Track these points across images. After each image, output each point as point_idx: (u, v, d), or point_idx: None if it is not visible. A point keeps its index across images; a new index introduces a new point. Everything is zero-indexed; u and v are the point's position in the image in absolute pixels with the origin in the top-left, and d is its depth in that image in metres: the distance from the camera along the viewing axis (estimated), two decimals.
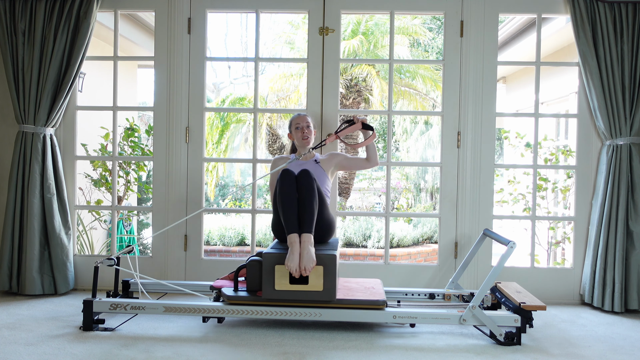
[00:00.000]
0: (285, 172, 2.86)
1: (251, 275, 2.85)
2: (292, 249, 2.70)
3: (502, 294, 2.97)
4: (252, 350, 2.54)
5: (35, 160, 3.47)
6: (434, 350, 2.60)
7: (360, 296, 2.81)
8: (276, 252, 2.74)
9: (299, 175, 2.86)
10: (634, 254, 3.35)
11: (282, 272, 2.71)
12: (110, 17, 3.80)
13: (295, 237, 2.73)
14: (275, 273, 2.71)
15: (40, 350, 2.48)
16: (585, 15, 3.39)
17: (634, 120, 3.39)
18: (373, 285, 3.06)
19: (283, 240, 2.99)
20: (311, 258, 2.67)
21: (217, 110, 9.14)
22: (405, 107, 9.38)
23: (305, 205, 2.79)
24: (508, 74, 7.63)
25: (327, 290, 2.71)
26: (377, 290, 2.94)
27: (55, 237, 3.50)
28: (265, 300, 2.75)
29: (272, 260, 2.72)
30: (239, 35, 17.17)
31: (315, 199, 2.82)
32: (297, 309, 2.74)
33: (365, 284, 3.09)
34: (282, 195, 2.81)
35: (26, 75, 3.48)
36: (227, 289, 2.87)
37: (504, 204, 5.69)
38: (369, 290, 2.92)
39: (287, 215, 2.78)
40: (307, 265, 2.65)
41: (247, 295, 2.80)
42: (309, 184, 2.82)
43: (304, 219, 2.78)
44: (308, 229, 2.76)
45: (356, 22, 8.68)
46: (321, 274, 2.70)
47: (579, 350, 2.64)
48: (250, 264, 2.85)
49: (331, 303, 2.74)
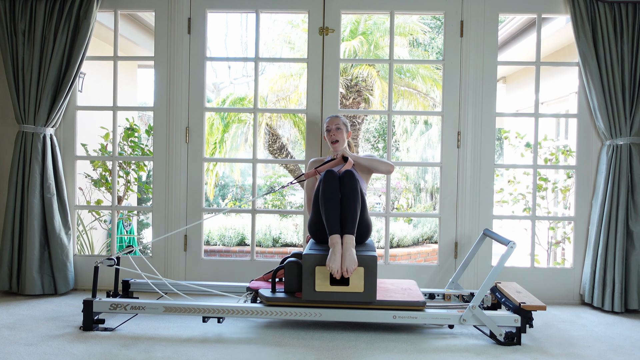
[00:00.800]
0: (329, 172, 2.84)
1: (289, 277, 2.84)
2: (333, 249, 2.68)
3: (502, 294, 2.97)
4: (253, 350, 2.54)
5: (35, 160, 3.47)
6: (434, 350, 2.60)
7: (398, 297, 2.80)
8: (317, 253, 2.72)
9: (342, 175, 2.84)
10: (634, 254, 3.35)
11: (322, 273, 2.69)
12: (110, 17, 3.81)
13: (338, 238, 2.71)
14: (316, 274, 2.70)
15: (40, 350, 2.48)
16: (585, 15, 3.39)
17: (634, 120, 3.39)
18: (409, 286, 3.05)
19: (320, 240, 2.98)
20: (353, 259, 2.66)
21: (217, 110, 9.14)
22: (405, 107, 9.38)
23: (349, 206, 2.77)
24: (508, 74, 7.64)
25: (367, 291, 2.70)
26: (414, 291, 2.94)
27: (55, 237, 3.50)
28: (305, 302, 2.74)
29: (313, 261, 2.71)
30: (239, 35, 17.18)
31: (358, 200, 2.80)
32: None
33: (400, 284, 3.08)
34: (325, 195, 2.79)
35: (26, 75, 3.48)
36: (265, 291, 2.86)
37: (504, 204, 5.69)
38: (406, 292, 2.91)
39: (329, 216, 2.76)
40: (349, 267, 2.64)
41: (286, 297, 2.79)
42: (352, 184, 2.80)
43: (346, 220, 2.76)
44: (350, 230, 2.74)
45: (355, 22, 8.68)
46: (362, 275, 2.69)
47: (579, 350, 2.64)
48: (288, 265, 2.84)
49: (372, 304, 2.74)
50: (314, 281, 2.70)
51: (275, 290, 2.86)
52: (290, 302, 2.77)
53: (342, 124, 3.26)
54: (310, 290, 2.71)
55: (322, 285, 2.70)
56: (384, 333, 2.83)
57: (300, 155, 10.69)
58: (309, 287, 2.71)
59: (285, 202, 8.34)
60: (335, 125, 3.25)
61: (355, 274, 2.69)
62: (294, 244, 6.79)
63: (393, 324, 2.93)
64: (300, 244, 6.72)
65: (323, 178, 2.83)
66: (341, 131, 3.24)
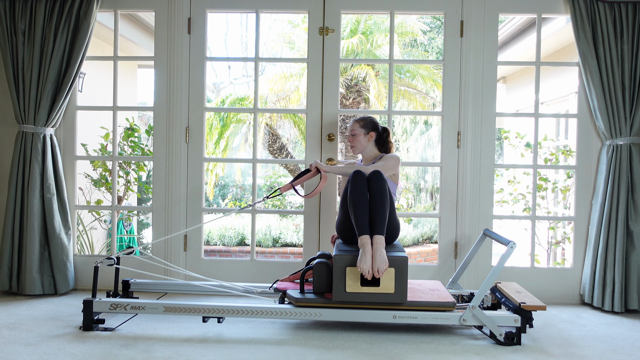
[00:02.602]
0: (357, 173, 2.84)
1: (318, 278, 2.83)
2: (364, 250, 2.68)
3: (502, 294, 2.97)
4: (253, 350, 2.54)
5: (35, 160, 3.47)
6: (433, 350, 2.60)
7: (428, 298, 2.80)
8: (347, 254, 2.72)
9: (370, 176, 2.84)
10: (634, 254, 3.35)
11: (353, 274, 2.69)
12: (110, 17, 3.81)
13: (367, 239, 2.71)
14: (346, 275, 2.70)
15: (40, 350, 2.48)
16: (585, 15, 3.39)
17: (634, 120, 3.39)
18: (436, 287, 3.04)
19: (348, 241, 2.97)
20: (384, 260, 2.65)
21: (217, 110, 9.14)
22: (405, 106, 9.38)
23: (378, 206, 2.77)
24: (508, 74, 7.64)
25: (398, 292, 2.70)
26: (442, 292, 2.93)
27: (55, 237, 3.50)
28: (335, 303, 2.74)
29: (343, 262, 2.70)
30: (239, 35, 17.17)
31: (387, 201, 2.79)
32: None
33: (427, 285, 3.07)
34: (353, 196, 2.79)
35: (26, 75, 3.48)
36: (293, 291, 2.85)
37: (504, 204, 5.69)
38: (434, 293, 2.91)
39: (358, 217, 2.76)
40: (380, 267, 2.64)
41: (316, 298, 2.78)
42: (381, 185, 2.80)
43: (375, 220, 2.75)
44: (380, 230, 2.73)
45: (355, 22, 8.68)
46: (393, 276, 2.69)
47: (579, 350, 2.64)
48: (317, 266, 2.83)
49: (402, 305, 2.73)
50: (345, 282, 2.70)
51: (303, 291, 2.85)
52: (320, 304, 2.76)
53: (358, 129, 3.26)
54: (341, 291, 2.70)
55: (353, 286, 2.69)
56: (384, 333, 2.83)
57: (301, 156, 10.69)
58: (340, 288, 2.70)
59: (286, 202, 8.34)
60: (351, 132, 3.27)
61: (386, 274, 2.69)
62: (294, 243, 6.79)
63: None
64: (300, 243, 6.72)
65: (351, 179, 2.83)
66: (357, 137, 3.25)
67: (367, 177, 2.84)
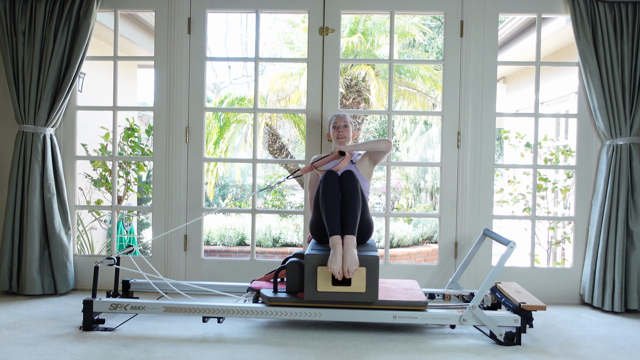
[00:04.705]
0: (329, 173, 2.84)
1: (291, 277, 2.84)
2: (334, 250, 2.67)
3: (502, 294, 2.97)
4: (253, 350, 2.54)
5: (35, 160, 3.47)
6: (434, 350, 2.60)
7: (401, 297, 2.80)
8: (319, 254, 2.72)
9: (342, 176, 2.84)
10: (634, 254, 3.35)
11: (324, 273, 2.70)
12: (110, 17, 3.81)
13: (338, 239, 2.71)
14: (317, 274, 2.70)
15: (40, 350, 2.48)
16: (585, 15, 3.39)
17: (634, 120, 3.39)
18: (411, 286, 3.05)
19: (321, 241, 2.98)
20: (354, 260, 2.65)
21: (217, 110, 9.13)
22: (405, 106, 9.37)
23: (349, 206, 2.77)
24: (508, 74, 7.63)
25: (369, 291, 2.70)
26: (415, 291, 2.94)
27: (55, 237, 3.50)
28: (307, 302, 2.74)
29: (315, 262, 2.71)
30: (239, 35, 17.17)
31: (358, 201, 2.79)
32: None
33: (402, 284, 3.08)
34: (325, 196, 2.79)
35: (26, 75, 3.48)
36: (267, 291, 2.86)
37: (504, 204, 5.69)
38: (408, 292, 2.91)
39: (330, 217, 2.76)
40: (351, 268, 2.64)
41: (288, 297, 2.79)
42: (353, 185, 2.80)
43: (347, 220, 2.75)
44: (351, 230, 2.73)
45: (355, 22, 8.68)
46: (364, 275, 2.69)
47: (579, 350, 2.64)
48: (290, 265, 2.84)
49: (373, 304, 2.74)
50: (316, 281, 2.70)
51: (277, 290, 2.86)
52: (292, 303, 2.77)
53: (349, 122, 3.28)
54: (313, 291, 2.71)
55: (324, 285, 2.70)
56: (384, 333, 2.83)
57: (301, 155, 10.69)
58: (311, 288, 2.71)
59: (285, 202, 8.34)
60: (344, 122, 3.26)
61: (357, 274, 2.69)
62: (294, 243, 6.79)
63: (394, 324, 2.93)
64: (300, 243, 6.71)
65: (323, 179, 2.83)
66: (348, 129, 3.26)
67: (339, 177, 2.84)
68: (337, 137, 3.25)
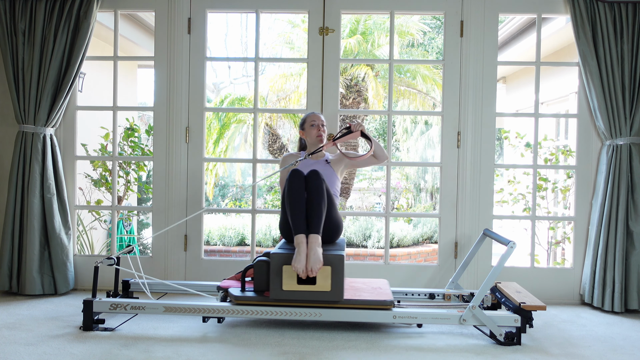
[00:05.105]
0: (295, 172, 2.84)
1: (258, 276, 2.84)
2: (299, 249, 2.68)
3: (502, 294, 2.97)
4: (252, 350, 2.54)
5: (35, 160, 3.47)
6: (434, 350, 2.60)
7: (367, 296, 2.80)
8: (284, 253, 2.73)
9: (308, 175, 2.84)
10: (634, 254, 3.35)
11: (289, 272, 2.70)
12: (110, 17, 3.81)
13: (303, 238, 2.72)
14: (282, 273, 2.70)
15: (40, 350, 2.48)
16: (585, 15, 3.39)
17: (634, 120, 3.39)
18: (380, 285, 3.05)
19: (291, 240, 2.98)
20: (318, 259, 2.65)
21: (217, 110, 9.13)
22: (405, 106, 9.37)
23: (314, 206, 2.78)
24: (508, 74, 7.63)
25: (334, 290, 2.70)
26: (384, 290, 2.94)
27: (55, 237, 3.50)
28: (272, 301, 2.75)
29: (280, 261, 2.71)
30: (239, 35, 17.17)
31: (323, 200, 2.80)
32: (304, 309, 2.74)
33: (372, 284, 3.09)
34: (290, 195, 2.80)
35: (26, 75, 3.48)
36: (234, 289, 2.87)
37: (504, 204, 5.69)
38: (376, 291, 2.92)
39: (295, 216, 2.77)
40: (314, 267, 2.64)
41: (255, 296, 2.79)
42: (318, 184, 2.81)
43: (312, 219, 2.76)
44: (316, 229, 2.74)
45: (355, 22, 8.68)
46: (329, 274, 2.69)
47: (579, 350, 2.64)
48: (257, 265, 2.84)
49: (339, 303, 2.74)
50: (282, 280, 2.71)
51: (244, 289, 2.86)
52: (258, 302, 2.77)
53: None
54: (278, 290, 2.72)
55: (290, 284, 2.70)
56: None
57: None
58: (277, 286, 2.72)
59: None
60: (322, 122, 3.29)
61: (322, 273, 2.69)
62: None
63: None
64: None
65: (288, 178, 2.84)
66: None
67: (304, 176, 2.84)
68: (317, 136, 3.26)
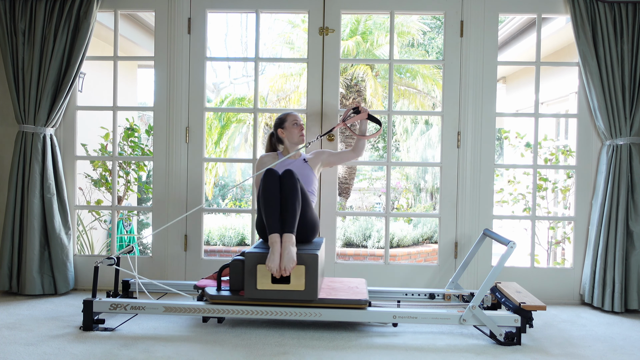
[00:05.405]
0: (269, 171, 2.85)
1: (234, 275, 2.85)
2: (273, 249, 2.69)
3: (502, 294, 2.97)
4: (252, 350, 2.54)
5: (35, 160, 3.47)
6: (434, 350, 2.60)
7: (342, 295, 2.82)
8: (258, 252, 2.74)
9: (282, 175, 2.85)
10: (634, 254, 3.35)
11: (264, 271, 2.71)
12: (110, 17, 3.81)
13: (277, 237, 2.72)
14: (257, 273, 2.71)
15: (40, 350, 2.48)
16: (585, 15, 3.39)
17: (634, 120, 3.39)
18: (357, 284, 3.07)
19: (267, 240, 2.98)
20: (291, 258, 2.66)
21: (217, 110, 9.14)
22: (405, 106, 9.37)
23: (288, 205, 2.78)
24: (508, 74, 7.64)
25: (308, 289, 2.71)
26: (360, 289, 2.95)
27: (55, 237, 3.50)
28: (247, 300, 2.76)
29: (254, 260, 2.72)
30: (239, 35, 17.16)
31: (298, 199, 2.81)
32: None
33: (349, 283, 3.10)
34: (265, 194, 2.80)
35: (26, 75, 3.48)
36: (211, 289, 2.88)
37: (504, 204, 5.69)
38: (352, 290, 2.93)
39: (269, 215, 2.77)
40: (287, 266, 2.64)
41: (229, 295, 2.80)
42: (292, 184, 2.81)
43: (286, 219, 2.76)
44: (290, 229, 2.74)
45: (355, 22, 8.68)
46: (303, 273, 2.70)
47: (579, 350, 2.64)
48: (233, 264, 2.85)
49: (313, 302, 2.75)
50: (256, 279, 2.71)
51: (220, 288, 2.87)
52: (233, 301, 2.78)
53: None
54: (252, 289, 2.72)
55: (264, 283, 2.71)
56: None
57: None
58: (251, 286, 2.72)
59: None
60: (301, 121, 3.33)
61: (296, 272, 2.70)
62: None
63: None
64: None
65: (263, 178, 2.84)
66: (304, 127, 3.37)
67: (279, 176, 2.85)
68: (299, 135, 3.29)
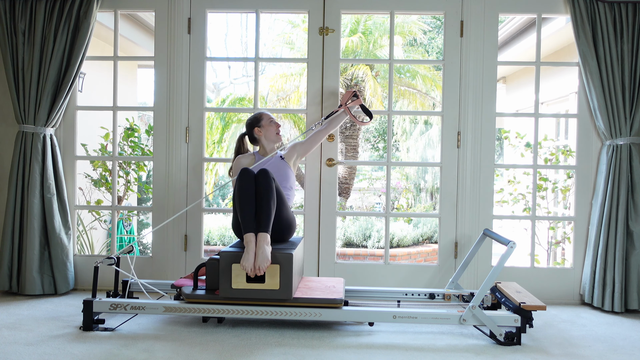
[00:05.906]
0: (244, 171, 2.85)
1: (210, 274, 2.85)
2: (247, 248, 2.69)
3: (502, 294, 2.97)
4: (252, 350, 2.54)
5: (35, 160, 3.47)
6: (433, 350, 2.60)
7: (318, 295, 2.82)
8: (233, 251, 2.75)
9: (257, 174, 2.85)
10: (634, 254, 3.35)
11: (238, 270, 2.71)
12: (110, 17, 3.81)
13: (252, 237, 2.72)
14: (232, 272, 2.72)
15: (40, 350, 2.48)
16: (585, 15, 3.39)
17: (634, 120, 3.39)
18: (334, 284, 3.08)
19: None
20: (266, 257, 2.66)
21: (217, 110, 9.13)
22: (405, 106, 9.37)
23: (263, 204, 2.78)
24: (508, 74, 7.64)
25: (283, 288, 2.71)
26: (337, 289, 2.96)
27: (55, 237, 3.50)
28: (222, 299, 2.76)
29: (229, 259, 2.73)
30: (239, 35, 17.17)
31: (273, 199, 2.81)
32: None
33: (326, 282, 3.11)
34: (240, 194, 2.80)
35: (26, 75, 3.48)
36: (187, 288, 2.89)
37: (504, 204, 5.69)
38: (328, 289, 2.94)
39: (244, 215, 2.77)
40: (262, 265, 2.65)
41: (204, 294, 2.81)
42: (267, 183, 2.81)
43: (260, 218, 2.77)
44: (265, 228, 2.75)
45: (355, 21, 8.68)
46: (277, 272, 2.71)
47: (579, 350, 2.64)
48: (208, 263, 2.85)
49: (288, 301, 2.75)
50: (231, 278, 2.72)
51: (196, 287, 2.88)
52: (208, 300, 2.78)
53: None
54: (227, 288, 2.73)
55: (239, 282, 2.71)
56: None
57: None
58: (226, 284, 2.73)
59: None
60: (276, 119, 3.35)
61: (270, 271, 2.70)
62: None
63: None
64: None
65: (238, 177, 2.84)
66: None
67: (254, 175, 2.85)
68: (276, 132, 3.31)
